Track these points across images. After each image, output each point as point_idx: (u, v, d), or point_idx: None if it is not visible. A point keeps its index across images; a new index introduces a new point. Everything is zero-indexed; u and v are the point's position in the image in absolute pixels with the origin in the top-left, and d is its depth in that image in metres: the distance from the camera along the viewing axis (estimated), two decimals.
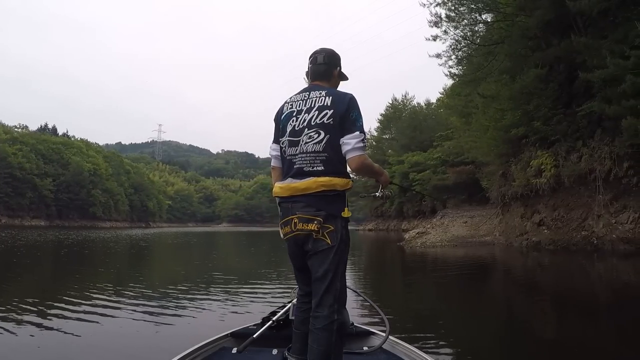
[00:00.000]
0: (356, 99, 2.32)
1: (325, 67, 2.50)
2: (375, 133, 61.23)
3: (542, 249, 15.87)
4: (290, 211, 2.29)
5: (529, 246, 16.93)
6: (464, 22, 19.18)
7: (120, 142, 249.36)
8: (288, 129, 2.37)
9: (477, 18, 19.21)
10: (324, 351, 2.14)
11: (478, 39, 19.79)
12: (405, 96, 60.15)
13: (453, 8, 18.69)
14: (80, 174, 72.33)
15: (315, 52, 2.54)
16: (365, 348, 2.97)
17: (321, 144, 2.24)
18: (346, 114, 2.24)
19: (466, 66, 21.21)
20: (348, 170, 2.32)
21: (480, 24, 19.68)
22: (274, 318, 3.13)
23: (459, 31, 19.48)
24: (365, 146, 2.27)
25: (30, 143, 68.04)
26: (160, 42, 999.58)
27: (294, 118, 2.35)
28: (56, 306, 5.87)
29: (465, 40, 19.72)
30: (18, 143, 65.51)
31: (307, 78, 2.58)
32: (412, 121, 52.81)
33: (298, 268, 2.43)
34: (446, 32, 19.36)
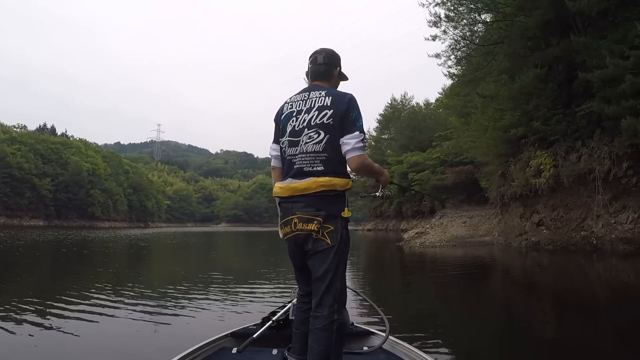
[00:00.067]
0: (356, 99, 2.32)
1: (325, 67, 2.50)
2: (374, 133, 61.21)
3: (541, 249, 15.87)
4: (290, 211, 2.29)
5: (528, 246, 16.93)
6: (463, 22, 19.17)
7: (119, 142, 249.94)
8: (288, 129, 2.37)
9: (477, 18, 19.21)
10: (324, 351, 2.14)
11: (477, 39, 19.77)
12: (404, 96, 60.25)
13: (452, 8, 18.68)
14: (79, 174, 72.22)
15: (315, 52, 2.54)
16: (365, 348, 2.97)
17: (321, 144, 2.25)
18: (346, 114, 2.24)
19: (465, 66, 21.20)
20: (348, 170, 2.32)
21: (479, 24, 19.67)
22: (274, 318, 3.13)
23: (458, 31, 19.49)
24: (365, 146, 2.27)
25: (29, 143, 67.91)
26: (159, 42, 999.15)
27: (294, 118, 2.36)
28: (55, 306, 5.86)
29: (464, 40, 19.72)
30: (17, 143, 65.32)
31: (307, 78, 2.57)
32: (411, 121, 52.82)
33: (298, 268, 2.44)
34: (445, 32, 19.38)
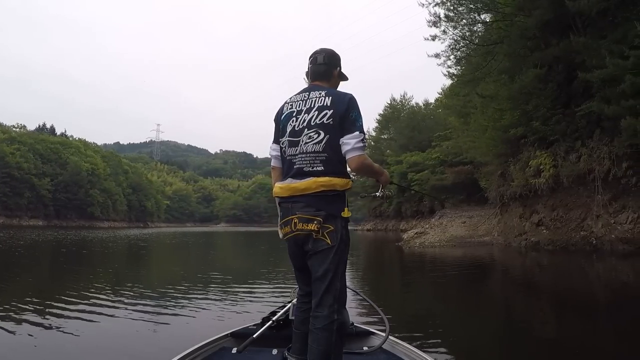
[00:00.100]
0: (356, 99, 2.32)
1: (325, 68, 2.50)
2: (373, 133, 61.20)
3: (541, 249, 15.88)
4: (290, 211, 2.29)
5: (528, 246, 16.93)
6: (463, 22, 19.16)
7: (118, 142, 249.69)
8: (288, 129, 2.38)
9: (476, 18, 19.21)
10: (324, 351, 2.14)
11: (477, 39, 19.76)
12: (403, 96, 60.23)
13: (452, 8, 18.67)
14: (78, 174, 72.18)
15: (315, 53, 2.54)
16: (365, 348, 2.97)
17: (321, 144, 2.25)
18: (346, 114, 2.24)
19: (465, 66, 21.20)
20: (348, 170, 2.32)
21: (479, 24, 19.66)
22: (274, 318, 3.13)
23: (458, 31, 19.48)
24: (365, 146, 2.27)
25: (28, 143, 67.89)
26: (159, 42, 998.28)
27: (294, 118, 2.36)
28: (55, 306, 5.86)
29: (464, 40, 19.71)
30: (16, 143, 65.29)
31: (307, 78, 2.58)
32: (411, 121, 52.79)
33: (298, 268, 2.44)
34: (445, 32, 19.37)
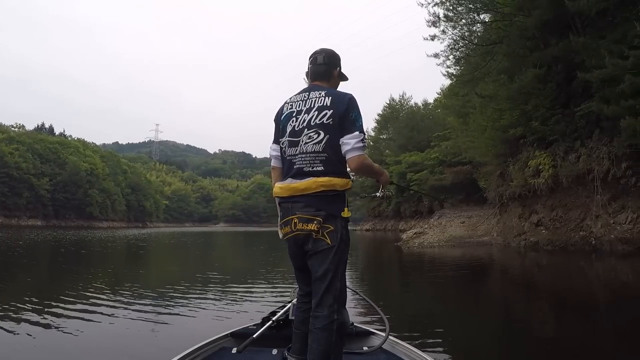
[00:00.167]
0: (355, 99, 2.32)
1: (325, 68, 2.50)
2: (372, 133, 61.12)
3: (540, 249, 15.88)
4: (290, 211, 2.29)
5: (527, 246, 16.94)
6: (462, 22, 19.19)
7: (117, 142, 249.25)
8: (288, 130, 2.38)
9: (475, 18, 19.23)
10: (324, 351, 2.14)
11: (476, 39, 19.78)
12: (402, 96, 60.21)
13: (451, 8, 18.69)
14: (77, 174, 72.06)
15: (315, 53, 2.54)
16: (365, 348, 2.97)
17: (321, 144, 2.25)
18: (346, 114, 2.25)
19: (464, 66, 21.21)
20: (348, 170, 2.32)
21: (478, 24, 19.69)
22: (274, 318, 3.13)
23: (457, 31, 19.51)
24: (365, 146, 2.27)
25: (27, 142, 67.71)
26: (159, 43, 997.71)
27: (294, 118, 2.36)
28: (54, 306, 5.85)
29: (463, 40, 19.74)
30: (15, 142, 65.13)
31: (307, 78, 2.58)
32: (410, 121, 52.73)
33: (298, 268, 2.44)
34: (444, 32, 19.40)
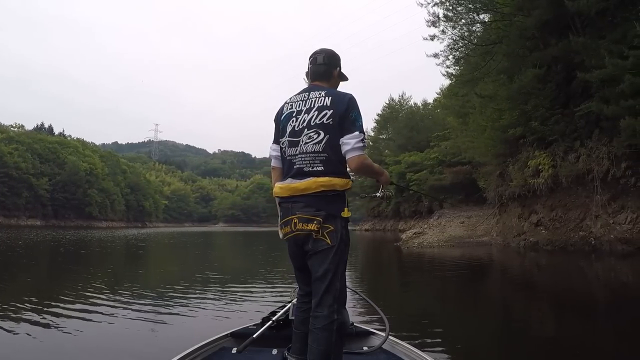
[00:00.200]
0: (355, 99, 2.32)
1: (325, 68, 2.50)
2: (372, 133, 61.10)
3: (540, 250, 15.88)
4: (290, 211, 2.29)
5: (527, 246, 16.94)
6: (462, 22, 19.21)
7: (116, 142, 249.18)
8: (288, 130, 2.38)
9: (475, 18, 19.24)
10: (324, 351, 2.14)
11: (475, 39, 19.79)
12: (402, 96, 60.24)
13: (451, 8, 18.70)
14: (76, 174, 72.00)
15: (315, 53, 2.54)
16: (365, 348, 2.97)
17: (321, 144, 2.25)
18: (346, 114, 2.25)
19: (464, 66, 21.22)
20: (348, 170, 2.32)
21: (477, 24, 19.71)
22: (274, 318, 3.13)
23: (457, 31, 19.53)
24: (364, 146, 2.27)
25: (26, 142, 67.65)
26: (158, 43, 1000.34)
27: (294, 118, 2.36)
28: (54, 306, 5.84)
29: (462, 40, 19.75)
30: (14, 142, 65.08)
31: (307, 78, 2.57)
32: (409, 121, 52.76)
33: (298, 268, 2.44)
34: (444, 32, 19.42)
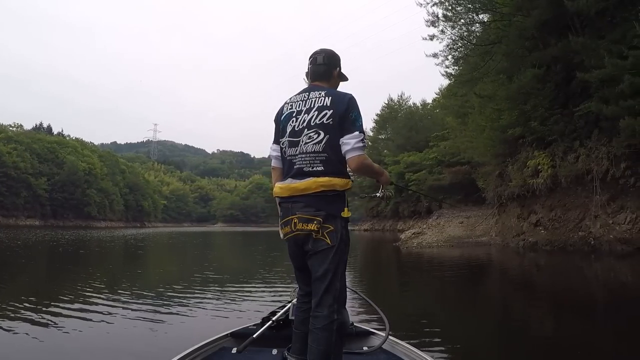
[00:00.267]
0: (355, 99, 2.32)
1: (325, 68, 2.50)
2: (371, 133, 61.03)
3: (539, 250, 15.88)
4: (290, 211, 2.29)
5: (526, 247, 16.94)
6: (461, 22, 19.20)
7: (115, 142, 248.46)
8: (288, 130, 2.38)
9: (474, 18, 19.24)
10: (324, 351, 2.14)
11: (475, 39, 19.78)
12: (401, 96, 60.14)
13: (450, 8, 18.71)
14: (75, 174, 72.00)
15: (315, 53, 2.54)
16: (365, 348, 2.97)
17: (321, 144, 2.25)
18: (345, 114, 2.25)
19: (463, 66, 21.22)
20: (348, 170, 2.32)
21: (477, 24, 19.70)
22: (274, 318, 3.12)
23: (456, 31, 19.53)
24: (364, 146, 2.27)
25: (25, 142, 67.61)
26: (158, 43, 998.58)
27: (294, 118, 2.36)
28: (53, 306, 5.84)
29: (462, 40, 19.74)
30: (12, 142, 65.03)
31: (307, 78, 2.57)
32: (408, 121, 52.74)
33: (298, 268, 2.44)
34: (443, 32, 19.41)
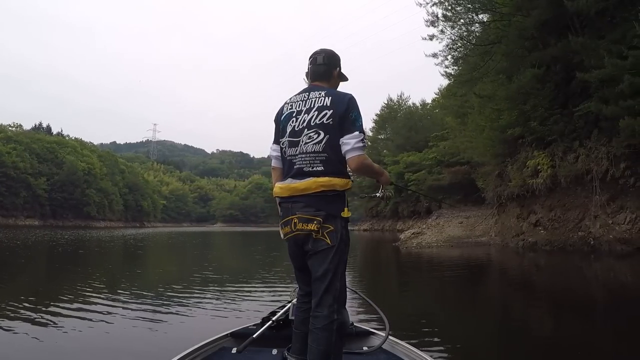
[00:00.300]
0: (355, 99, 2.33)
1: (325, 68, 2.51)
2: (370, 133, 60.96)
3: (539, 250, 15.88)
4: (290, 211, 2.29)
5: (525, 247, 16.94)
6: (461, 22, 19.20)
7: (115, 142, 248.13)
8: (288, 130, 2.38)
9: (474, 18, 19.23)
10: (324, 351, 2.14)
11: (474, 39, 19.78)
12: (400, 96, 60.06)
13: (450, 8, 18.70)
14: (74, 174, 71.94)
15: (315, 53, 2.55)
16: (365, 348, 2.97)
17: (321, 144, 2.25)
18: (345, 114, 2.25)
19: (462, 66, 21.20)
20: (348, 170, 2.32)
21: (476, 24, 19.69)
22: (274, 318, 3.12)
23: (456, 31, 19.53)
24: (364, 146, 2.27)
25: (24, 142, 67.57)
26: (158, 43, 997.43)
27: (294, 119, 2.36)
28: (53, 305, 5.83)
29: (461, 40, 19.74)
30: (12, 142, 65.00)
31: (307, 78, 2.57)
32: (408, 121, 52.69)
33: (298, 268, 2.44)
34: (443, 32, 19.41)
